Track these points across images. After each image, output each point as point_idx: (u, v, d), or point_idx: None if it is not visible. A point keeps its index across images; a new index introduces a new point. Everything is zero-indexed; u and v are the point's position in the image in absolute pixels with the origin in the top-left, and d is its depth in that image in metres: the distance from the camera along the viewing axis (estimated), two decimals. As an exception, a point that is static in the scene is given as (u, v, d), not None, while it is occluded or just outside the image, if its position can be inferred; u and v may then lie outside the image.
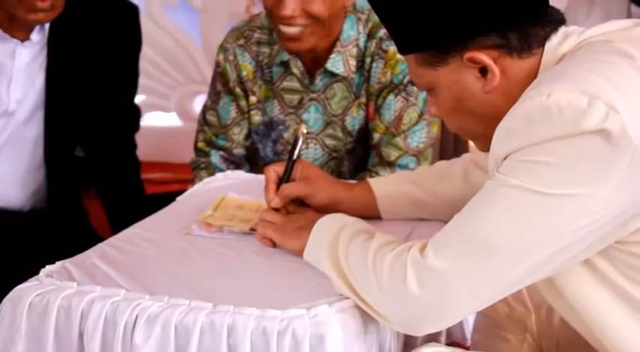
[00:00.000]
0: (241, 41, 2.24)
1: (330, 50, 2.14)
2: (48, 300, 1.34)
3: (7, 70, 2.07)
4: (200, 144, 2.33)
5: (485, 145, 1.36)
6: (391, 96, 2.16)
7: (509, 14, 1.28)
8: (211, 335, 1.27)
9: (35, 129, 2.13)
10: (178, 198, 1.87)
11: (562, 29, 1.32)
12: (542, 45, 1.30)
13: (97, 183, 2.38)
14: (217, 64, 2.29)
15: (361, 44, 2.17)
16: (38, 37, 2.08)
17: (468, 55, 1.29)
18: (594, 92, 1.16)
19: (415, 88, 2.14)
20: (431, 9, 1.29)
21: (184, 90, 4.02)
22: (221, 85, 2.28)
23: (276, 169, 1.66)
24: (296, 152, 1.66)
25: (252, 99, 2.25)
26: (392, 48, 2.14)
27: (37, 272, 1.43)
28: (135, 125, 2.44)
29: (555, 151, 1.17)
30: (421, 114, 2.17)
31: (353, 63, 2.16)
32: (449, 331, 1.71)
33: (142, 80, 3.93)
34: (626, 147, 1.15)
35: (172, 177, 3.68)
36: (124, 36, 2.28)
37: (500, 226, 1.21)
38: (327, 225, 1.44)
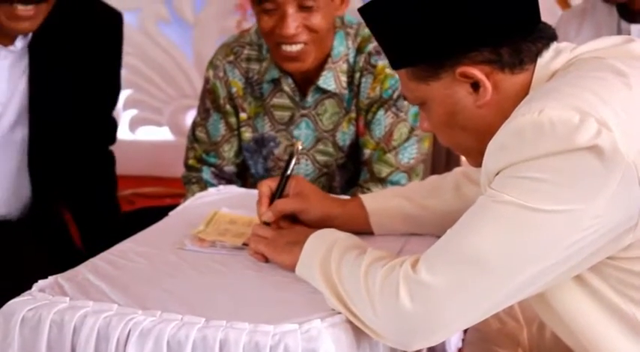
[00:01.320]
0: (231, 58, 2.23)
1: (321, 67, 2.14)
2: (40, 315, 1.34)
3: None
4: (191, 162, 2.32)
5: (477, 160, 1.36)
6: (381, 112, 2.16)
7: (502, 30, 1.29)
8: (204, 349, 1.27)
9: (21, 133, 2.13)
10: (171, 213, 1.87)
11: (554, 45, 1.33)
12: (534, 61, 1.31)
13: (68, 196, 2.34)
14: (207, 81, 2.28)
15: (351, 59, 2.17)
16: (21, 43, 2.08)
17: (461, 69, 1.29)
18: (586, 109, 1.17)
19: (405, 103, 2.14)
20: (423, 24, 1.30)
21: (177, 104, 4.03)
22: (210, 101, 2.27)
23: (269, 184, 1.66)
24: (290, 168, 1.66)
25: (243, 115, 2.24)
26: (380, 62, 2.15)
27: (25, 282, 1.43)
28: (111, 137, 2.43)
29: (547, 167, 1.18)
30: (412, 130, 2.17)
31: (344, 78, 2.16)
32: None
33: (135, 94, 3.95)
34: (618, 164, 1.16)
35: (165, 191, 3.68)
36: (107, 44, 2.26)
37: (492, 242, 1.21)
38: (318, 241, 1.44)
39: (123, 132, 2.39)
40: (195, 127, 2.32)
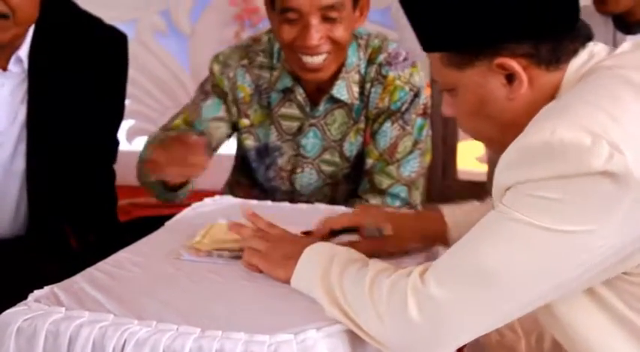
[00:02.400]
0: (245, 61, 2.21)
1: (335, 76, 2.13)
2: (36, 325, 1.34)
3: None
4: (176, 122, 2.22)
5: (496, 149, 1.36)
6: (388, 123, 2.15)
7: (543, 24, 1.27)
8: (199, 360, 1.27)
9: (20, 163, 2.12)
10: (167, 223, 1.87)
11: (589, 46, 1.32)
12: (569, 60, 1.30)
13: (67, 212, 2.31)
14: (211, 72, 2.23)
15: (362, 70, 2.16)
16: (17, 68, 2.06)
17: (499, 60, 1.28)
18: (598, 131, 1.16)
19: (413, 116, 2.15)
20: (468, 10, 1.28)
21: (173, 114, 4.03)
22: (211, 86, 2.22)
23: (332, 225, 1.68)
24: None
25: (245, 122, 2.22)
26: (391, 73, 2.14)
27: (21, 297, 1.43)
28: (114, 157, 2.41)
29: (559, 189, 1.17)
30: (415, 143, 2.17)
31: (356, 89, 2.15)
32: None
33: (132, 105, 3.96)
34: (630, 186, 1.15)
35: (160, 201, 3.67)
36: (112, 66, 2.22)
37: (503, 259, 1.21)
38: (316, 253, 1.44)
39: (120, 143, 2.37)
40: (188, 105, 2.27)
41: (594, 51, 1.32)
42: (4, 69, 2.04)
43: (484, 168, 3.47)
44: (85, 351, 1.30)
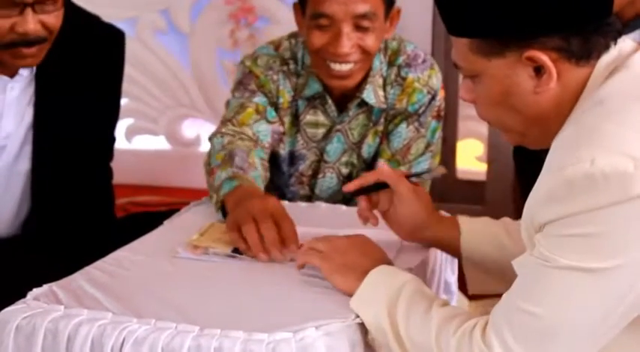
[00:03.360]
0: (285, 68, 2.17)
1: (362, 81, 2.12)
2: (35, 323, 1.34)
3: None
4: (248, 112, 2.10)
5: (515, 140, 1.37)
6: (403, 125, 2.15)
7: (576, 17, 1.25)
8: (198, 358, 1.27)
9: (25, 165, 2.13)
10: (166, 222, 1.87)
11: (620, 42, 1.29)
12: (599, 56, 1.28)
13: (66, 210, 2.30)
14: (251, 72, 2.16)
15: (384, 73, 2.16)
16: (26, 71, 2.07)
17: (529, 53, 1.26)
18: (638, 154, 1.15)
19: (428, 119, 2.15)
20: None
21: (173, 113, 4.03)
22: (256, 86, 2.15)
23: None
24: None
25: (280, 128, 2.18)
26: (411, 75, 2.14)
27: (20, 296, 1.43)
28: (111, 154, 2.41)
29: (603, 220, 1.16)
30: (428, 146, 2.17)
31: (381, 93, 2.15)
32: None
33: (131, 103, 3.95)
34: None
35: (160, 200, 3.68)
36: (110, 64, 2.22)
37: (560, 313, 1.20)
38: (382, 281, 1.41)
39: (119, 141, 2.36)
40: (235, 101, 2.16)
41: (623, 47, 1.30)
42: (14, 74, 2.05)
43: (483, 167, 3.47)
44: (84, 349, 1.31)
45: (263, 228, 1.63)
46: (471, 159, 3.69)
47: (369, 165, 2.21)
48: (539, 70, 1.27)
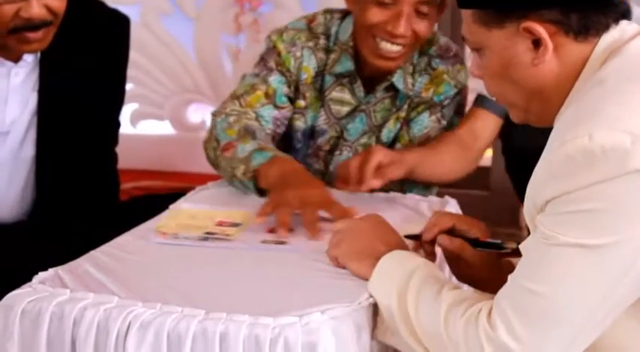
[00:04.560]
0: (311, 43, 2.16)
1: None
2: (40, 307, 1.34)
3: (3, 91, 2.06)
4: (256, 95, 2.11)
5: (519, 116, 1.37)
6: (426, 114, 2.16)
7: None
8: (204, 342, 1.27)
9: (30, 150, 2.13)
10: (171, 207, 1.87)
11: (623, 24, 1.30)
12: (600, 35, 1.29)
13: (71, 195, 2.30)
14: (276, 50, 2.16)
15: (414, 60, 2.16)
16: (30, 57, 2.07)
17: (526, 24, 1.27)
18: (636, 130, 1.15)
19: (451, 112, 2.17)
20: None
21: (178, 98, 4.03)
22: (275, 64, 2.15)
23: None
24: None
25: (301, 103, 2.18)
26: (441, 66, 2.15)
27: (26, 280, 1.43)
28: (116, 139, 2.41)
29: (602, 195, 1.16)
30: None
31: (410, 80, 2.15)
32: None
33: (136, 88, 3.95)
34: None
35: (165, 185, 3.68)
36: (115, 49, 2.22)
37: (563, 292, 1.20)
38: (393, 268, 1.41)
39: (124, 126, 2.36)
40: (250, 77, 2.17)
41: (626, 30, 1.30)
42: (19, 59, 2.05)
43: (489, 153, 3.46)
44: (90, 333, 1.31)
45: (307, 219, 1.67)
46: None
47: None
48: (537, 43, 1.28)
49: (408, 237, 1.57)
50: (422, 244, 1.57)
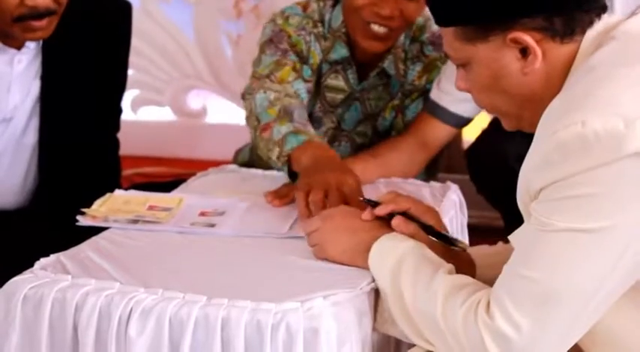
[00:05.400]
0: (315, 30, 2.15)
1: (386, 51, 2.12)
2: (42, 293, 1.34)
3: (6, 78, 2.06)
4: (285, 70, 2.05)
5: (512, 124, 1.37)
6: (420, 101, 2.15)
7: None
8: (205, 328, 1.27)
9: (32, 137, 2.13)
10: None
11: (604, 18, 1.30)
12: (584, 32, 1.28)
13: (73, 181, 2.29)
14: (285, 32, 2.12)
15: (406, 47, 2.16)
16: (33, 44, 2.07)
17: (512, 35, 1.27)
18: (629, 114, 1.15)
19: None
20: None
21: (178, 84, 4.02)
22: (288, 45, 2.11)
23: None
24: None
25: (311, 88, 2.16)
26: (434, 53, 2.14)
27: (28, 266, 1.43)
28: (117, 125, 2.41)
29: (596, 180, 1.16)
30: None
31: (402, 66, 2.15)
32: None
33: (136, 74, 3.94)
34: None
35: (166, 171, 3.68)
36: (117, 36, 2.23)
37: (559, 276, 1.20)
38: (383, 257, 1.39)
39: (124, 113, 2.36)
40: (267, 59, 2.11)
41: (609, 22, 1.30)
42: (21, 46, 2.05)
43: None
44: (92, 319, 1.31)
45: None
46: (478, 130, 3.68)
47: (383, 138, 2.20)
48: (524, 51, 1.28)
49: (367, 201, 1.53)
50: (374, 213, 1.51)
